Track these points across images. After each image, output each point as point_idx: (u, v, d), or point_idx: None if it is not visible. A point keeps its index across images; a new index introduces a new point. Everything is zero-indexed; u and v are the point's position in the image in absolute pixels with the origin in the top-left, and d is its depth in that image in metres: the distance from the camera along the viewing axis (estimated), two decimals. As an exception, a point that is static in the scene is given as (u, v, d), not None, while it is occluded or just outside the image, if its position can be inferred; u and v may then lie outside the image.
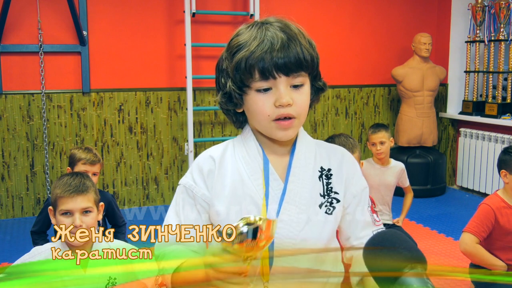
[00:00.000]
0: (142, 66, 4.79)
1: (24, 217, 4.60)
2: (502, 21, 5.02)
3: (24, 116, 4.51)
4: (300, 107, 1.19)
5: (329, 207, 1.26)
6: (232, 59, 1.19)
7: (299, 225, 1.23)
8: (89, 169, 2.95)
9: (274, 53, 1.14)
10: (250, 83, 1.17)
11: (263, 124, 1.20)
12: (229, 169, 1.26)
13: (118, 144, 4.80)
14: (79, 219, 1.87)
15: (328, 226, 1.26)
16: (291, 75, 1.16)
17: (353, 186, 1.30)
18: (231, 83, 1.20)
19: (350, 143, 2.76)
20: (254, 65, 1.15)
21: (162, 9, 4.80)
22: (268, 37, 1.16)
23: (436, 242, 3.91)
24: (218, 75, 1.25)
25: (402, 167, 3.70)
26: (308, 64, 1.18)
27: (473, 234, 2.60)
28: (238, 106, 1.24)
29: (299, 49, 1.16)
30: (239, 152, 1.28)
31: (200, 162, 1.29)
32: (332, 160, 1.31)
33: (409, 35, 5.45)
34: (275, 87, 1.17)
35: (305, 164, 1.26)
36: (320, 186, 1.27)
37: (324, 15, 5.29)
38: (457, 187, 5.64)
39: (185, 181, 1.29)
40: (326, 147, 1.35)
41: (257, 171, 1.24)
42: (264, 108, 1.18)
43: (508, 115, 4.98)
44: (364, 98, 5.58)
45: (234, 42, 1.20)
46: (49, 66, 4.52)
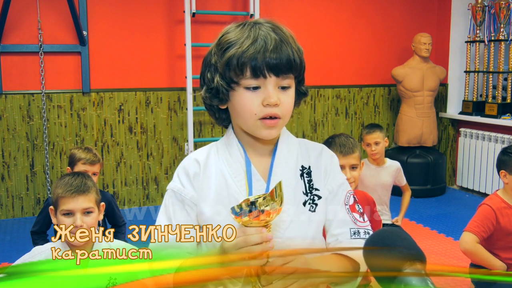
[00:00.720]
0: (142, 66, 4.79)
1: (24, 217, 4.60)
2: (502, 21, 5.02)
3: (24, 116, 4.51)
4: (286, 108, 1.21)
5: (312, 204, 1.28)
6: (223, 55, 1.19)
7: (284, 224, 1.24)
8: (89, 169, 2.95)
9: (267, 53, 1.15)
10: (239, 80, 1.18)
11: (249, 122, 1.21)
12: (213, 172, 1.28)
13: (118, 144, 4.80)
14: (80, 219, 1.87)
15: (313, 223, 1.28)
16: (280, 76, 1.18)
17: (329, 181, 1.32)
18: (219, 78, 1.21)
19: (350, 143, 2.76)
20: (246, 63, 1.16)
21: (162, 9, 4.80)
22: (262, 37, 1.17)
23: (436, 242, 3.91)
24: (204, 70, 1.26)
25: (398, 166, 3.71)
26: (297, 67, 1.20)
27: (474, 233, 2.60)
28: (223, 102, 1.25)
29: (290, 51, 1.18)
30: (222, 154, 1.30)
31: (186, 165, 1.31)
32: (311, 157, 1.33)
33: (409, 35, 5.45)
34: (264, 86, 1.18)
35: (286, 164, 1.28)
36: (302, 184, 1.29)
37: (324, 15, 5.29)
38: (457, 187, 5.64)
39: (173, 185, 1.31)
40: (307, 144, 1.36)
41: (240, 173, 1.26)
42: (252, 106, 1.19)
43: (508, 115, 4.98)
44: (364, 98, 5.58)
45: (225, 39, 1.22)
46: (49, 66, 4.52)
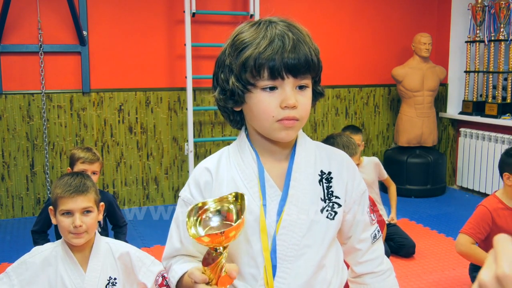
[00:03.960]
0: (142, 66, 4.79)
1: (24, 217, 4.60)
2: (502, 21, 5.02)
3: (24, 116, 4.51)
4: (304, 110, 1.17)
5: (331, 212, 1.24)
6: (239, 56, 1.15)
7: (301, 231, 1.21)
8: (88, 168, 2.95)
9: (285, 53, 1.11)
10: (256, 81, 1.14)
11: (266, 125, 1.17)
12: (225, 178, 1.24)
13: (118, 144, 4.80)
14: (79, 219, 1.87)
15: (330, 231, 1.25)
16: (298, 77, 1.14)
17: (354, 191, 1.29)
18: (234, 79, 1.16)
19: (352, 144, 2.77)
20: (264, 64, 1.12)
21: (162, 9, 4.80)
22: (279, 36, 1.13)
23: (436, 242, 3.91)
24: (218, 71, 1.21)
25: (376, 161, 3.74)
26: (315, 67, 1.16)
27: (469, 235, 2.61)
28: (238, 104, 1.20)
29: (307, 51, 1.14)
30: (234, 159, 1.26)
31: (196, 175, 1.28)
32: (332, 164, 1.28)
33: (409, 35, 5.45)
34: (281, 87, 1.14)
35: (306, 168, 1.24)
36: (320, 190, 1.25)
37: (324, 15, 5.29)
38: (457, 187, 5.64)
39: (184, 194, 1.29)
40: (326, 149, 1.32)
41: (252, 179, 1.22)
42: (269, 108, 1.14)
43: (508, 115, 4.98)
44: (364, 98, 5.58)
45: (240, 39, 1.16)
46: (49, 66, 4.52)
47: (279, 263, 1.20)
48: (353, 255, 1.36)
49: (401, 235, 3.64)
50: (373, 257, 1.34)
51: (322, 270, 1.24)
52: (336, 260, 1.30)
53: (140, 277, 1.97)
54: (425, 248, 3.77)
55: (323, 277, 1.24)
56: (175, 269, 1.26)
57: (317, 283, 1.23)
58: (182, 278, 1.23)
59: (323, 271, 1.25)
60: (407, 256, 3.60)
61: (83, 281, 1.89)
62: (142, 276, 1.97)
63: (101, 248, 1.96)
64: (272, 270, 1.20)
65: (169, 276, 1.28)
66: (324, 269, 1.25)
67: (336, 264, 1.29)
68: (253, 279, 1.21)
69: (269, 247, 1.20)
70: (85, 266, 1.92)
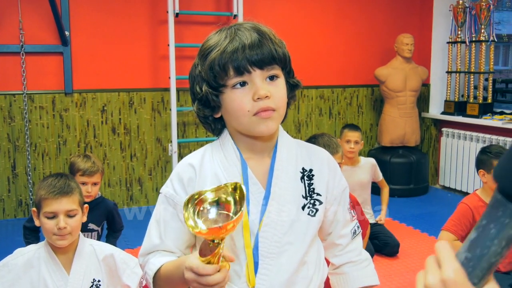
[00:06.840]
0: (125, 66, 4.76)
1: (5, 219, 4.54)
2: (483, 22, 5.09)
3: (5, 117, 4.46)
4: (278, 99, 1.19)
5: (312, 209, 1.26)
6: (205, 61, 1.18)
7: (283, 228, 1.23)
8: (88, 180, 2.88)
9: (246, 49, 1.14)
10: (225, 81, 1.17)
11: (243, 121, 1.18)
12: (208, 175, 1.25)
13: (101, 145, 4.77)
14: (63, 221, 1.85)
15: (311, 228, 1.27)
16: (265, 68, 1.16)
17: (335, 188, 1.32)
18: (206, 86, 1.19)
19: (334, 143, 2.79)
20: (227, 63, 1.15)
21: (145, 9, 4.77)
22: (239, 35, 1.16)
23: (419, 241, 3.94)
24: (192, 84, 1.24)
25: (373, 162, 3.77)
26: (281, 57, 1.19)
27: (451, 232, 2.65)
28: (215, 110, 1.23)
29: (271, 46, 1.17)
30: (217, 156, 1.27)
31: (179, 170, 1.28)
32: (314, 161, 1.30)
33: (392, 35, 5.49)
34: (251, 81, 1.16)
35: (287, 166, 1.26)
36: (302, 187, 1.26)
37: (308, 16, 5.31)
38: (439, 187, 5.70)
39: (166, 190, 1.28)
40: (306, 147, 1.35)
41: (235, 176, 1.23)
42: (243, 103, 1.16)
43: (489, 115, 5.04)
44: (347, 99, 5.61)
45: (205, 46, 1.21)
46: (30, 67, 4.47)
47: (261, 260, 1.22)
48: (332, 249, 1.38)
49: (386, 233, 3.67)
50: (351, 248, 1.38)
51: (304, 267, 1.26)
52: (317, 257, 1.31)
53: (124, 279, 1.96)
54: (408, 247, 3.80)
55: (305, 274, 1.26)
56: (152, 261, 1.24)
57: (299, 279, 1.25)
58: (159, 272, 1.22)
59: (305, 268, 1.27)
60: (391, 255, 3.63)
61: (66, 283, 1.87)
62: (126, 278, 1.96)
63: (85, 250, 1.94)
64: (254, 267, 1.21)
65: (146, 269, 1.26)
66: (305, 266, 1.27)
67: (317, 261, 1.31)
68: (236, 275, 1.22)
69: (252, 244, 1.21)
70: (69, 268, 1.90)
